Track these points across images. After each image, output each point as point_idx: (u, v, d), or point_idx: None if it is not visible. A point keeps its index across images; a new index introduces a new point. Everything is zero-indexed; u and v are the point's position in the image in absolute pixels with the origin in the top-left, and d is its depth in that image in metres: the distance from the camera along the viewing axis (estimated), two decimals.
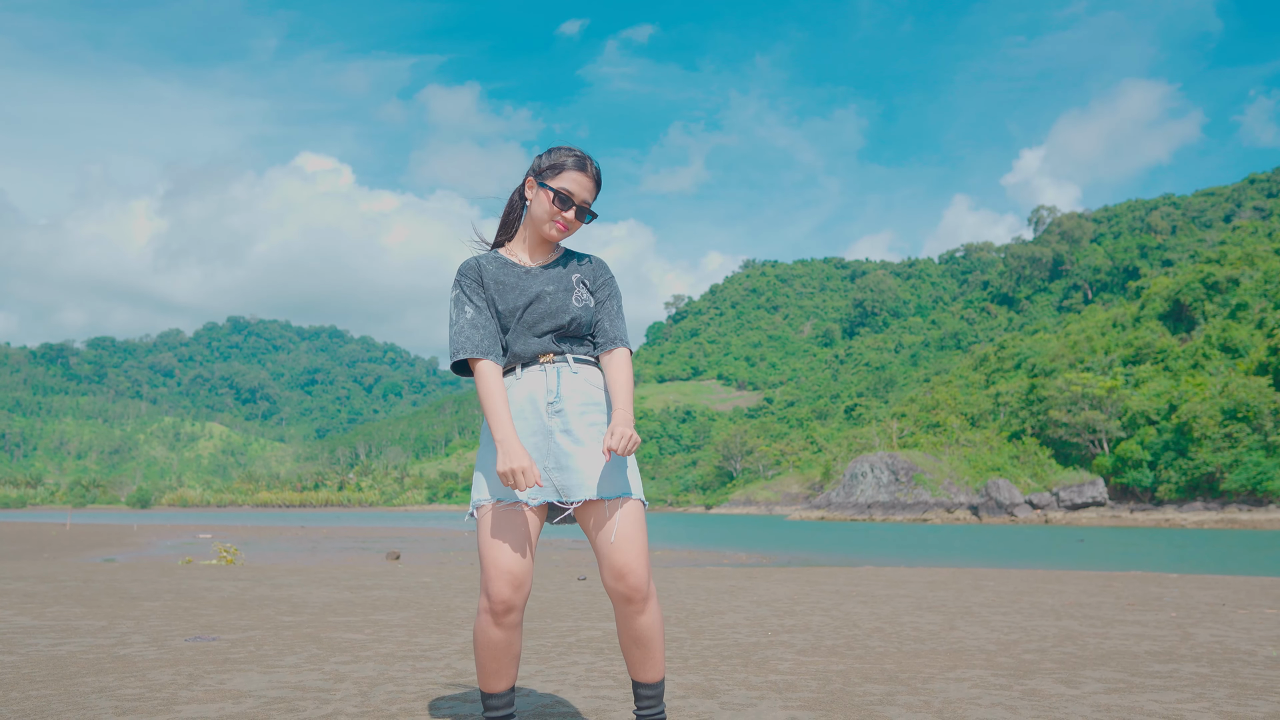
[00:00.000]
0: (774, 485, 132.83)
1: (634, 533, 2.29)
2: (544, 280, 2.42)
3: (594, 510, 2.31)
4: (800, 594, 8.61)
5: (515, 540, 2.26)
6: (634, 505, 2.32)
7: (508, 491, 2.30)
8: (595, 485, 2.30)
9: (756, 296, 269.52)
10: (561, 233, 2.41)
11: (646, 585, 2.27)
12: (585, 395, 2.37)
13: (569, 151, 2.43)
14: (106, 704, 3.02)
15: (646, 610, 2.29)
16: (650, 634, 2.31)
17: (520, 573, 2.24)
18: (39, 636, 4.68)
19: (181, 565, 13.21)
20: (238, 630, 5.10)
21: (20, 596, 6.99)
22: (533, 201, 2.43)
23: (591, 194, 2.44)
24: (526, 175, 2.47)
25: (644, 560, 2.28)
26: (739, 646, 4.77)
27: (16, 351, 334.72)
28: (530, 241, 2.46)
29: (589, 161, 2.44)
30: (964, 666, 4.14)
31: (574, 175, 2.40)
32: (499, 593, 2.22)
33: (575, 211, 2.40)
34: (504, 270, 2.43)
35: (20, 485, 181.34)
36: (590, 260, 2.53)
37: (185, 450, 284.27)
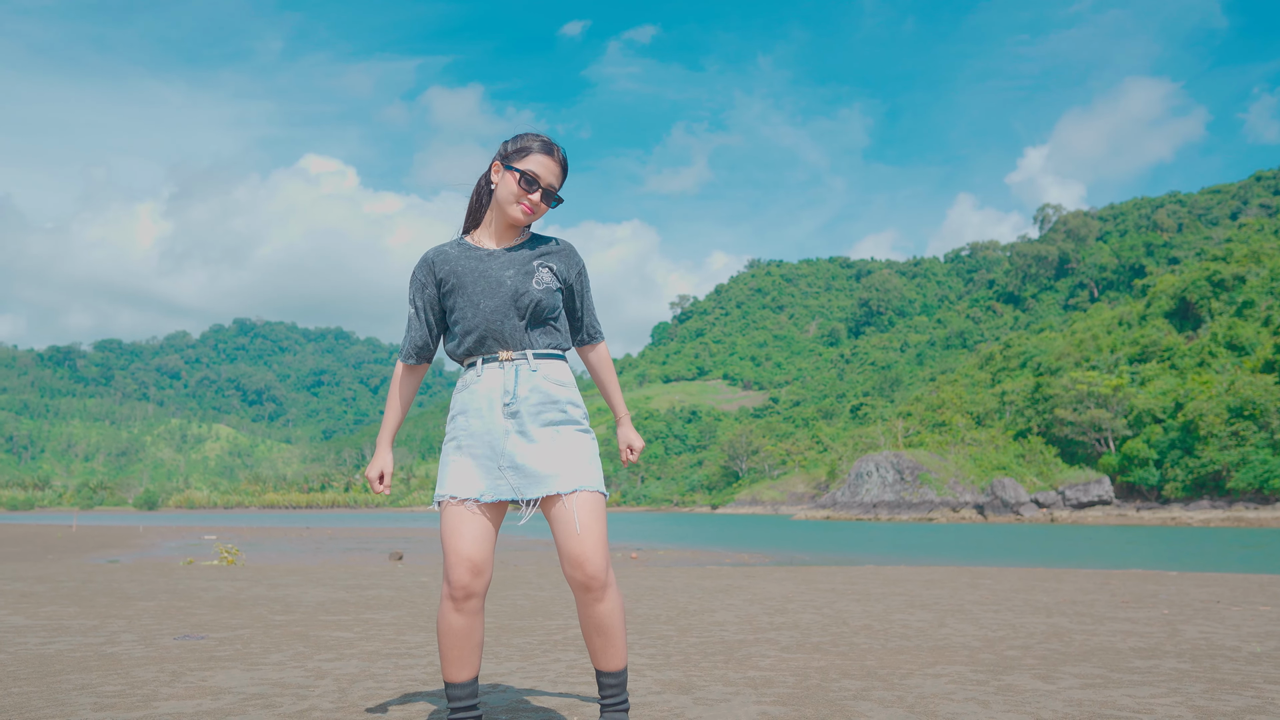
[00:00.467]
0: (780, 485, 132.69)
1: (591, 523, 2.31)
2: (504, 263, 2.43)
3: (553, 503, 2.34)
4: (795, 592, 8.62)
5: (474, 530, 2.31)
6: (591, 496, 2.35)
7: (464, 487, 2.34)
8: (551, 482, 2.33)
9: (762, 296, 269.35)
10: (527, 215, 2.43)
11: (604, 574, 2.30)
12: (543, 394, 2.39)
13: (535, 137, 2.46)
14: (86, 700, 3.05)
15: (605, 599, 2.31)
16: (609, 622, 2.34)
17: (479, 560, 2.28)
18: (29, 635, 4.73)
19: (183, 566, 13.27)
20: (228, 629, 5.14)
21: (16, 597, 7.05)
22: (499, 185, 2.44)
23: (558, 179, 2.46)
24: (493, 160, 2.49)
25: (601, 549, 2.30)
26: (724, 644, 4.80)
27: (24, 354, 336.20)
28: (497, 226, 2.48)
29: (555, 147, 2.47)
30: (944, 663, 4.16)
31: (540, 159, 2.42)
32: (459, 578, 2.26)
33: (541, 194, 2.42)
34: (465, 255, 2.45)
35: (28, 487, 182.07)
36: (557, 243, 2.54)
37: (192, 452, 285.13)
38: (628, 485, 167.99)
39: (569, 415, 2.41)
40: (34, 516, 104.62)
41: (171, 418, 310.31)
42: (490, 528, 2.34)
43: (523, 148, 2.43)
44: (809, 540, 37.18)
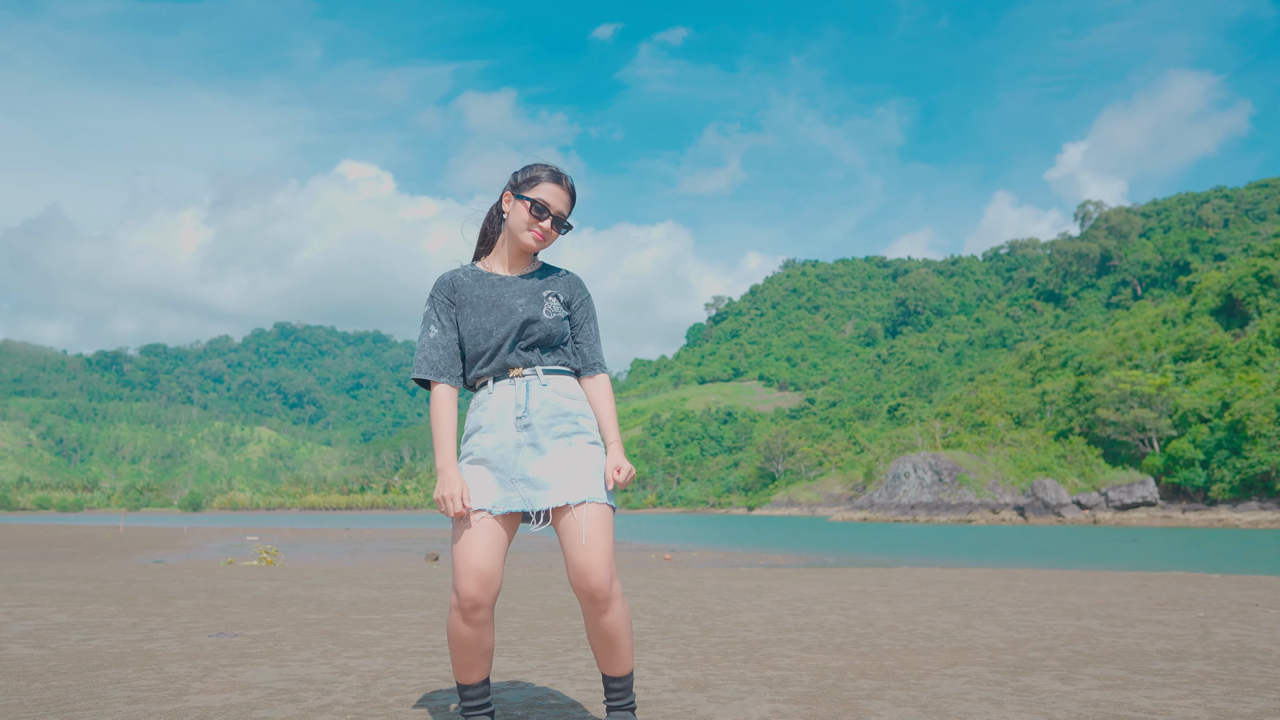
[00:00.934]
0: (816, 486, 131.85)
1: (597, 535, 2.36)
2: (516, 291, 2.51)
3: (561, 515, 2.40)
4: (824, 594, 8.61)
5: (485, 542, 2.35)
6: (598, 509, 2.40)
7: (476, 499, 2.40)
8: (560, 493, 2.39)
9: (797, 296, 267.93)
10: (539, 242, 2.51)
11: (609, 586, 2.34)
12: (554, 407, 2.46)
13: (544, 167, 2.54)
14: (120, 694, 3.17)
15: (610, 610, 2.36)
16: (615, 631, 2.39)
17: (488, 571, 2.33)
18: (71, 632, 4.89)
19: (223, 566, 13.56)
20: (261, 627, 5.28)
21: (62, 595, 7.27)
22: (510, 214, 2.52)
23: (567, 206, 2.54)
24: (504, 190, 2.57)
25: (606, 562, 2.35)
26: (746, 644, 4.83)
27: (73, 359, 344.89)
28: (508, 254, 2.56)
29: (564, 176, 2.55)
30: (964, 663, 4.15)
31: (549, 187, 2.50)
32: (466, 590, 2.32)
33: (551, 221, 2.50)
34: (479, 282, 2.53)
35: (78, 489, 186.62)
36: (566, 274, 2.62)
37: (235, 454, 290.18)
38: (663, 487, 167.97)
39: (580, 427, 2.48)
40: (84, 518, 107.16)
41: (215, 420, 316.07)
42: (502, 540, 2.40)
43: (532, 177, 2.51)
44: (844, 542, 36.94)
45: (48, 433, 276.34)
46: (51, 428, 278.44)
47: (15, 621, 5.36)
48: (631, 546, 28.40)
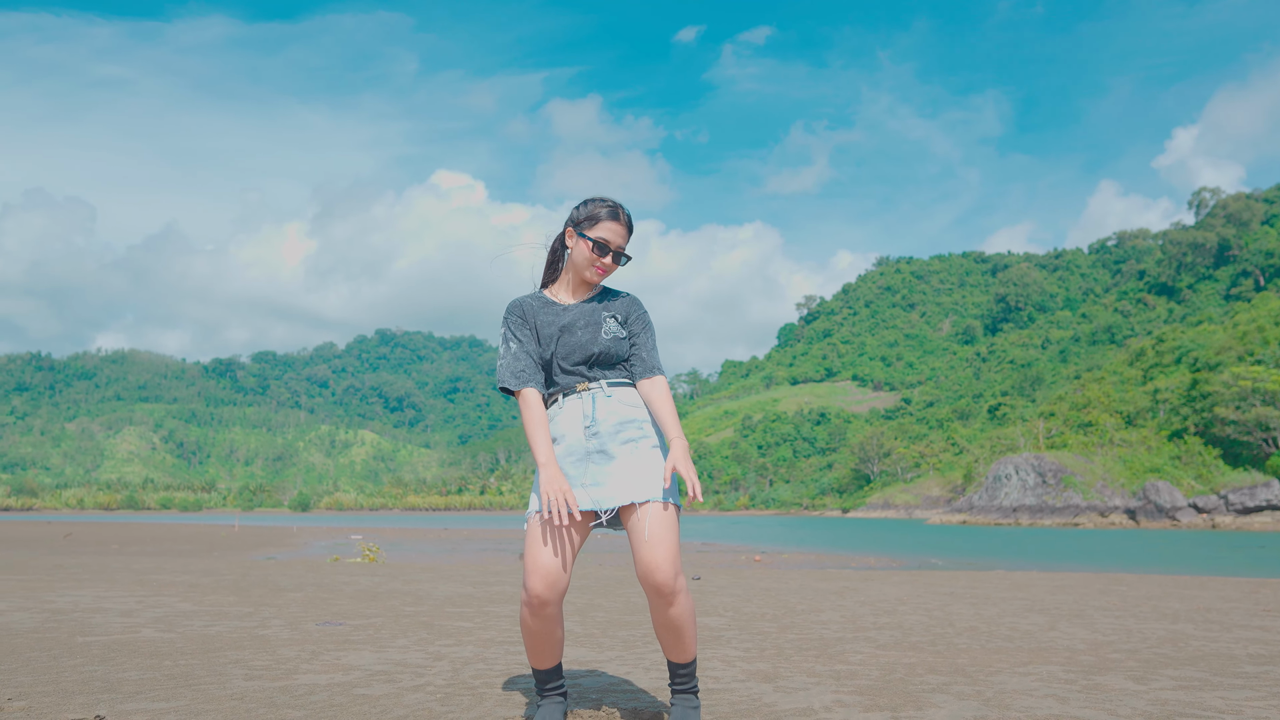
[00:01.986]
0: (913, 488, 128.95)
1: (662, 533, 2.54)
2: (576, 316, 2.73)
3: (629, 514, 2.60)
4: (910, 595, 8.58)
5: (554, 544, 2.56)
6: (662, 507, 2.58)
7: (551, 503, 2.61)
8: (626, 493, 2.59)
9: (891, 294, 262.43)
10: (600, 276, 2.75)
11: (674, 581, 2.52)
12: (620, 415, 2.67)
13: (602, 203, 2.75)
14: (238, 672, 3.51)
15: (675, 603, 2.54)
16: (680, 623, 2.57)
17: (554, 571, 2.53)
18: (195, 619, 5.34)
19: (329, 563, 14.26)
20: (363, 618, 5.64)
21: (186, 587, 7.85)
22: (573, 249, 2.75)
23: (625, 239, 2.76)
24: (566, 225, 2.79)
25: (670, 558, 2.52)
26: (821, 641, 4.93)
27: (191, 366, 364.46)
28: (571, 283, 2.79)
29: (621, 210, 2.76)
30: (1039, 663, 4.17)
31: (609, 225, 2.72)
32: (534, 588, 2.53)
33: (612, 257, 2.71)
34: (544, 309, 2.76)
35: (196, 490, 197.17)
36: (624, 297, 2.84)
37: (340, 457, 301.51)
38: (755, 489, 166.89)
39: (644, 432, 2.68)
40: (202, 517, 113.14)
41: (321, 424, 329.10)
42: (572, 541, 2.60)
43: (592, 215, 2.72)
44: (941, 545, 36.12)
45: (169, 436, 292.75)
46: (173, 432, 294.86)
47: (146, 609, 5.86)
48: (721, 548, 28.45)
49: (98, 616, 5.38)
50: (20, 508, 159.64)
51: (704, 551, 25.26)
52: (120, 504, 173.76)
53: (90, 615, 5.44)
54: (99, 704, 2.86)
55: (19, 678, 3.29)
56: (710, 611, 6.50)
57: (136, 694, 3.04)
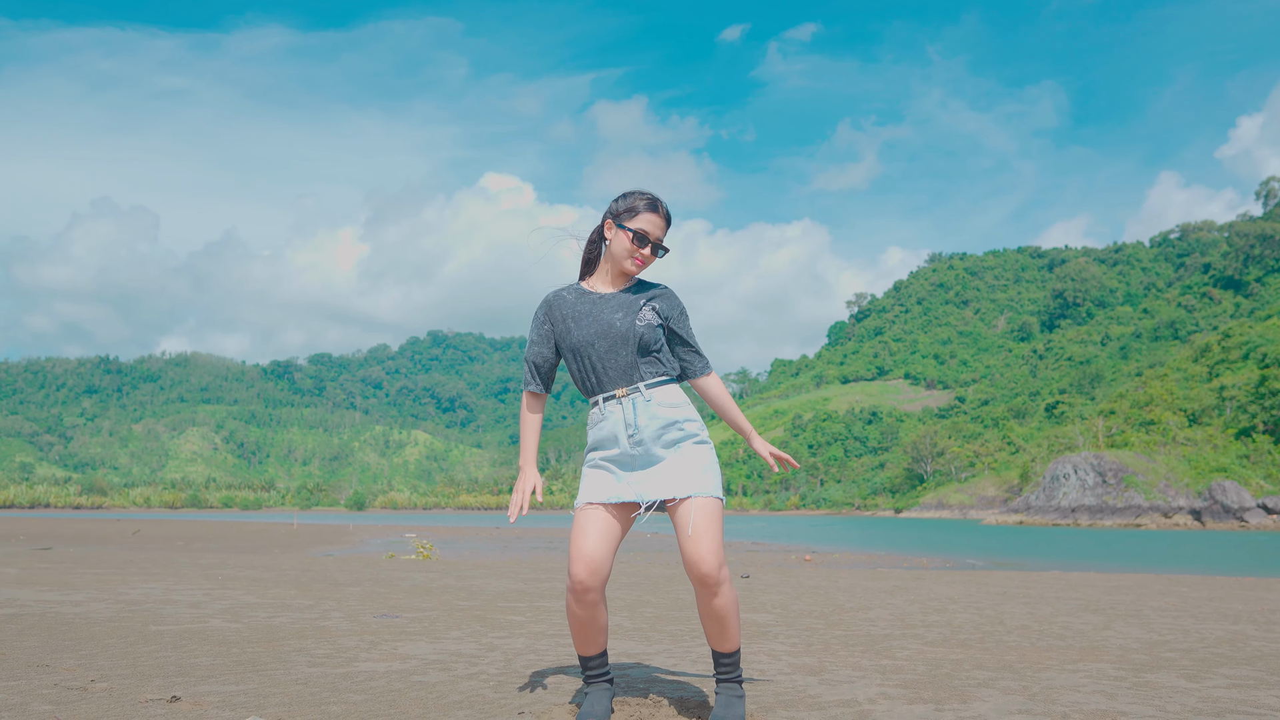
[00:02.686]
0: (968, 488, 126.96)
1: (705, 525, 2.62)
2: (614, 306, 2.81)
3: (674, 509, 2.68)
4: (962, 594, 8.52)
5: (597, 532, 2.66)
6: (706, 502, 2.66)
7: (596, 493, 2.70)
8: (670, 487, 2.67)
9: (944, 291, 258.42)
10: (639, 267, 2.82)
11: (718, 572, 2.59)
12: (661, 419, 2.75)
13: (641, 195, 2.82)
14: (302, 660, 3.67)
15: (719, 594, 2.62)
16: (724, 613, 2.64)
17: (597, 559, 2.63)
18: (259, 611, 5.55)
19: (385, 560, 14.58)
20: (419, 611, 5.80)
21: (250, 581, 8.13)
22: (612, 241, 2.83)
23: (663, 231, 2.83)
24: (605, 217, 2.87)
25: (714, 551, 2.60)
26: (869, 637, 4.95)
27: (251, 369, 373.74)
28: (610, 275, 2.87)
29: (659, 203, 2.84)
30: (1089, 660, 4.15)
31: (648, 216, 2.79)
32: (576, 574, 2.62)
33: (651, 248, 2.79)
34: (581, 300, 2.85)
35: (256, 489, 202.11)
36: (661, 289, 2.91)
37: (394, 456, 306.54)
38: (806, 488, 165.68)
39: (686, 431, 2.75)
40: (262, 515, 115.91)
41: (375, 425, 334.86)
42: (615, 531, 2.70)
43: (631, 207, 2.80)
44: (997, 545, 35.52)
45: (230, 437, 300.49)
46: (234, 432, 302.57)
47: (213, 601, 6.10)
48: (772, 548, 28.36)
49: (168, 607, 5.61)
50: (91, 506, 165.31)
51: (754, 551, 25.20)
52: (184, 502, 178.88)
53: (161, 606, 5.68)
54: (174, 686, 3.03)
55: (99, 662, 3.49)
56: (758, 608, 6.54)
57: (208, 677, 3.20)
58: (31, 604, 5.66)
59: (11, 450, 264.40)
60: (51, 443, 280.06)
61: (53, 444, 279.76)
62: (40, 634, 4.25)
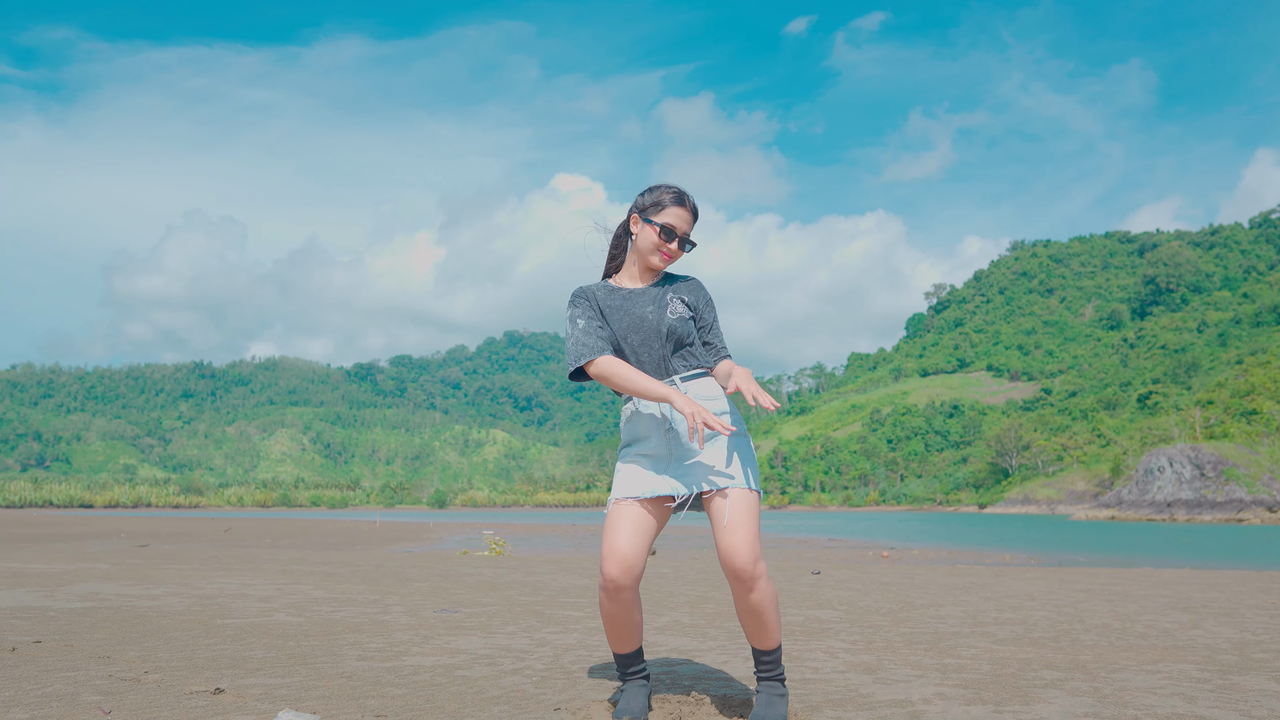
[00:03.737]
0: (1056, 482, 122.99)
1: (742, 518, 2.52)
2: (644, 300, 2.73)
3: (709, 501, 2.59)
4: (1042, 591, 8.20)
5: (630, 529, 2.58)
6: (742, 493, 2.56)
7: (631, 488, 2.63)
8: (706, 480, 2.59)
9: (1027, 280, 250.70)
10: (666, 262, 2.74)
11: (753, 566, 2.49)
12: None
13: (668, 189, 2.74)
14: (352, 653, 3.69)
15: (755, 589, 2.52)
16: (761, 609, 2.54)
17: (629, 556, 2.55)
18: (324, 605, 5.64)
19: (458, 556, 14.79)
20: (479, 606, 5.82)
21: (323, 576, 8.31)
22: (638, 235, 2.75)
23: (690, 225, 2.75)
24: (630, 212, 2.78)
25: (749, 544, 2.50)
26: (935, 635, 4.77)
27: (335, 371, 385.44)
28: (636, 270, 2.79)
29: (686, 197, 2.75)
30: (1171, 661, 3.91)
31: (675, 210, 2.71)
32: (608, 572, 2.55)
33: (678, 242, 2.71)
34: (610, 295, 2.76)
35: (342, 488, 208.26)
36: (689, 280, 2.82)
37: (474, 455, 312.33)
38: (886, 484, 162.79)
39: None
40: (347, 514, 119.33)
41: (455, 424, 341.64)
42: (650, 527, 2.61)
43: (657, 201, 2.72)
44: (1086, 541, 34.26)
45: (317, 438, 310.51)
46: (320, 433, 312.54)
47: (283, 595, 6.24)
48: (848, 544, 27.88)
49: (239, 601, 5.76)
50: (189, 505, 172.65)
51: (830, 547, 24.80)
52: (275, 501, 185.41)
53: (232, 600, 5.83)
54: (222, 678, 3.07)
55: (159, 654, 3.57)
56: (824, 605, 6.39)
57: (257, 670, 3.24)
58: (112, 598, 5.88)
59: (116, 452, 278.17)
60: (152, 445, 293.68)
61: (153, 446, 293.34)
62: (112, 627, 4.39)
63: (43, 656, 3.44)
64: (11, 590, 6.22)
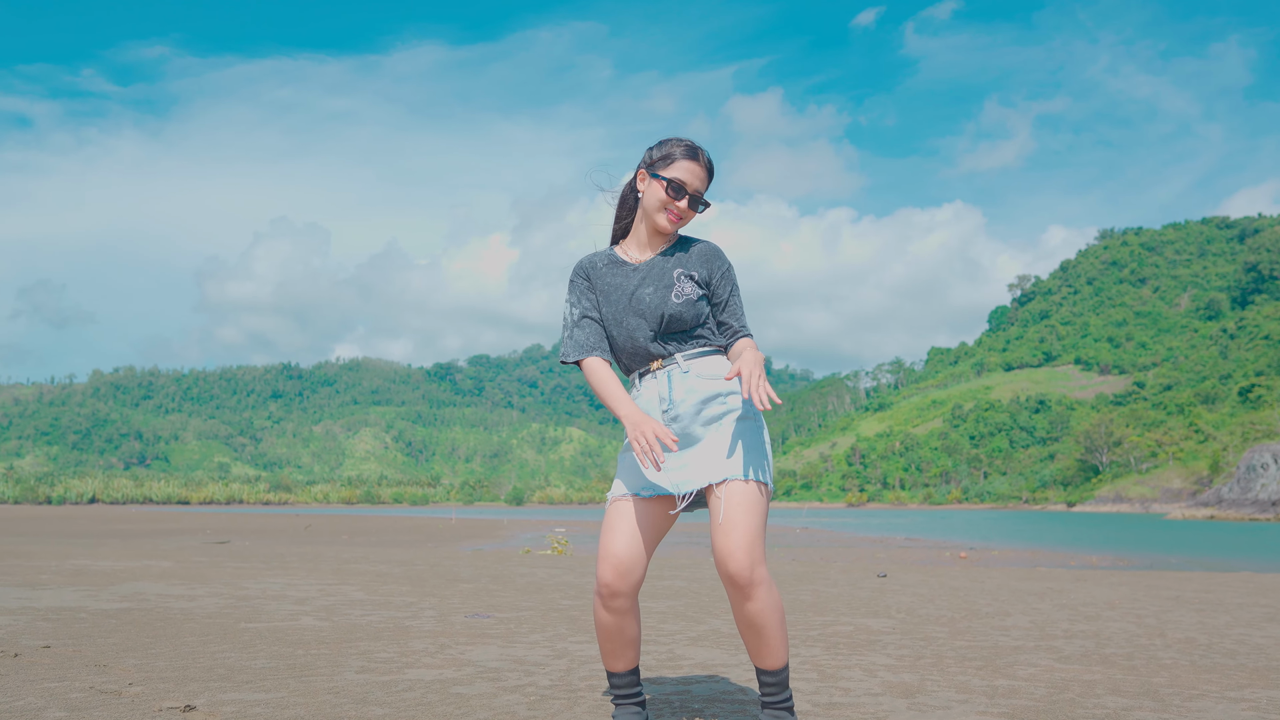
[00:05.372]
0: (1149, 480, 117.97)
1: (738, 517, 2.22)
2: (644, 278, 2.42)
3: (708, 495, 2.31)
4: (1125, 598, 7.64)
5: (627, 530, 2.30)
6: (742, 487, 2.26)
7: (629, 484, 2.37)
8: (704, 472, 2.29)
9: (1117, 269, 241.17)
10: (674, 223, 2.41)
11: (749, 571, 2.19)
12: (700, 393, 2.35)
13: (679, 142, 2.43)
14: (356, 664, 3.52)
15: (753, 597, 2.21)
16: (761, 621, 2.23)
17: (626, 560, 2.28)
18: (357, 609, 5.53)
19: (521, 554, 14.73)
20: (515, 610, 5.63)
21: (373, 576, 8.26)
22: (645, 193, 2.44)
23: (704, 182, 2.42)
24: (638, 168, 2.48)
25: (746, 545, 2.19)
26: (993, 649, 4.38)
27: (416, 372, 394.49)
28: (644, 234, 2.47)
29: (700, 151, 2.43)
30: (1260, 686, 3.46)
31: (686, 164, 2.39)
32: (603, 576, 2.29)
33: (688, 200, 2.39)
34: (613, 270, 2.47)
35: (423, 485, 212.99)
36: (702, 246, 2.48)
37: (550, 453, 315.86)
38: (969, 481, 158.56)
39: (729, 405, 2.35)
40: (426, 510, 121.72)
41: (532, 422, 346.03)
42: (650, 528, 2.33)
43: (667, 154, 2.41)
44: (1181, 542, 32.57)
45: (399, 436, 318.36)
46: (402, 432, 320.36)
47: (321, 597, 6.16)
48: (926, 544, 27.05)
49: (273, 603, 5.69)
50: (278, 502, 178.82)
51: (906, 547, 24.07)
52: (359, 498, 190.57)
53: (267, 602, 5.76)
54: (206, 691, 2.92)
55: (158, 663, 3.45)
56: (880, 612, 6.01)
57: (246, 683, 3.08)
58: (152, 598, 5.88)
59: (211, 451, 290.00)
60: (244, 444, 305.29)
61: (245, 445, 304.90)
62: (131, 631, 4.32)
63: (41, 664, 3.35)
64: (61, 589, 6.29)
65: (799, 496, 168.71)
